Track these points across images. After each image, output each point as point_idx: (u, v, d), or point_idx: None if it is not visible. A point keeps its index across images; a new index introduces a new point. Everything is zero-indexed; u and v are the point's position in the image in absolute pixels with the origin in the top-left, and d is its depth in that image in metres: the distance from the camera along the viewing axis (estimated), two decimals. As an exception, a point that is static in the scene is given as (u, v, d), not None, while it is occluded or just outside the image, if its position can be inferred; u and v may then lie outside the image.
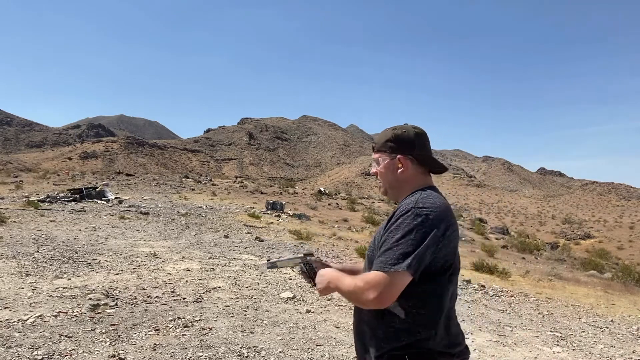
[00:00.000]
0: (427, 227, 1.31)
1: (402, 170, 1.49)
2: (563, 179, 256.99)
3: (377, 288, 1.28)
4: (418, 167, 1.50)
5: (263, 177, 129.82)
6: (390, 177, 1.52)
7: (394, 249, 1.30)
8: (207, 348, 3.77)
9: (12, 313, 4.21)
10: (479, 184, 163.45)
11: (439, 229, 1.32)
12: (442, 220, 1.34)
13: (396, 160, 1.49)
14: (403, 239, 1.30)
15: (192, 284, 6.03)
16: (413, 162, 1.49)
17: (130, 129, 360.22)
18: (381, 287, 1.28)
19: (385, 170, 1.52)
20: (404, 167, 1.49)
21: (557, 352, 4.76)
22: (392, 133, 1.52)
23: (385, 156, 1.52)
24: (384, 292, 1.28)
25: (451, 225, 1.37)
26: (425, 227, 1.31)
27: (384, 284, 1.28)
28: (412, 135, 1.50)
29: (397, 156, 1.49)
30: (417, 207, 1.35)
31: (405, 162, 1.48)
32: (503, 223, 60.25)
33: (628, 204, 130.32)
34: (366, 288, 1.30)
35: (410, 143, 1.49)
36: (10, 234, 8.91)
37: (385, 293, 1.28)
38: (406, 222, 1.32)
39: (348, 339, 4.33)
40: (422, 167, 1.51)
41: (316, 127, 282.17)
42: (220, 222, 14.49)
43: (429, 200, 1.38)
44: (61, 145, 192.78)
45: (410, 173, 1.49)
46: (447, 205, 1.41)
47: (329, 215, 22.99)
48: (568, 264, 16.49)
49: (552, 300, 7.87)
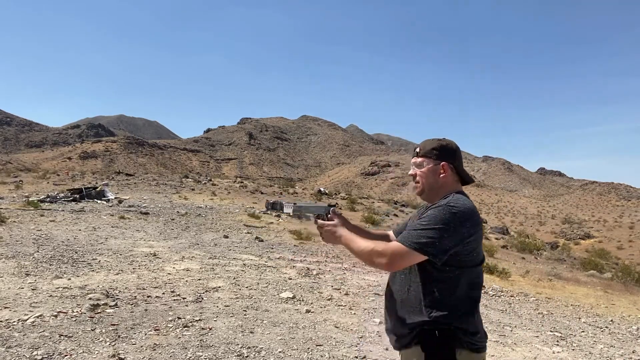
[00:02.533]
0: (453, 221, 1.54)
1: (444, 175, 1.73)
2: (563, 179, 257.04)
3: (392, 256, 1.55)
4: (454, 175, 1.76)
5: (263, 177, 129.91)
6: (432, 179, 1.74)
7: (420, 231, 1.55)
8: (207, 348, 3.77)
9: (12, 313, 4.20)
10: (478, 184, 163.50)
11: (464, 225, 1.55)
12: (468, 219, 1.57)
13: (440, 166, 1.73)
14: (430, 225, 1.55)
15: (192, 284, 6.03)
16: (452, 170, 1.74)
17: (130, 129, 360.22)
18: (395, 256, 1.54)
19: (428, 173, 1.75)
20: (445, 172, 1.73)
21: (557, 352, 4.76)
22: (438, 143, 1.76)
23: (430, 161, 1.74)
24: (395, 261, 1.55)
25: (476, 224, 1.59)
26: (451, 222, 1.54)
27: (398, 255, 1.54)
28: (455, 148, 1.77)
29: (441, 162, 1.73)
30: (448, 204, 1.58)
31: (447, 169, 1.73)
32: (503, 223, 60.25)
33: (628, 204, 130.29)
34: (382, 253, 1.56)
35: (453, 153, 1.75)
36: (10, 233, 8.91)
37: (396, 263, 1.55)
38: (436, 214, 1.57)
39: (348, 339, 4.33)
40: (457, 176, 1.77)
41: (316, 127, 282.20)
42: (220, 222, 14.49)
43: (460, 201, 1.61)
44: (61, 145, 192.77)
45: (449, 179, 1.74)
46: (474, 208, 1.63)
47: (328, 215, 22.95)
48: (568, 264, 16.50)
49: (552, 300, 7.87)
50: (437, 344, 1.56)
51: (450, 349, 1.56)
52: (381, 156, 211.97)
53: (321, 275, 7.63)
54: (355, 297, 6.21)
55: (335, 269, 8.50)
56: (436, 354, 1.56)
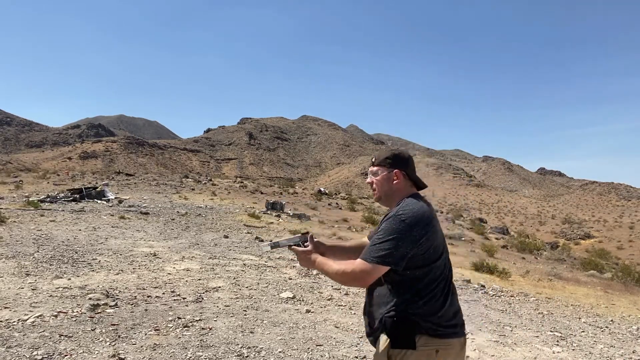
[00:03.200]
0: (404, 229, 1.70)
1: (397, 181, 1.90)
2: (563, 179, 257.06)
3: (359, 275, 1.72)
4: (408, 181, 1.92)
5: (263, 177, 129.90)
6: (387, 186, 1.92)
7: (378, 245, 1.72)
8: (207, 348, 3.77)
9: (12, 313, 4.21)
10: (478, 184, 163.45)
11: (414, 230, 1.71)
12: (417, 222, 1.72)
13: (393, 174, 1.90)
14: (384, 238, 1.71)
15: (192, 284, 6.03)
16: (405, 177, 1.91)
17: (130, 129, 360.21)
18: (362, 274, 1.72)
19: (382, 180, 1.92)
20: (398, 179, 1.90)
21: (557, 352, 4.76)
22: (391, 152, 1.95)
23: (384, 169, 1.92)
24: (363, 278, 1.73)
25: (427, 226, 1.74)
26: (402, 230, 1.70)
27: (365, 272, 1.71)
28: (407, 156, 1.95)
29: (394, 170, 1.90)
30: (397, 214, 1.75)
31: (399, 176, 1.90)
32: (503, 223, 60.25)
33: (628, 204, 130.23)
34: (350, 274, 1.73)
35: (405, 162, 1.93)
36: (10, 233, 8.91)
37: (364, 279, 1.73)
38: (388, 226, 1.74)
39: (348, 339, 4.34)
40: (410, 182, 1.93)
41: (316, 127, 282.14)
42: (220, 222, 14.49)
43: (408, 207, 1.77)
44: (61, 145, 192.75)
45: (402, 185, 1.91)
46: (424, 211, 1.78)
47: (329, 215, 22.98)
48: (568, 264, 16.49)
49: (552, 300, 7.87)
50: (397, 329, 1.72)
51: (409, 333, 1.71)
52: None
53: (321, 275, 7.64)
54: (356, 297, 6.21)
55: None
56: (398, 338, 1.72)
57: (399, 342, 1.71)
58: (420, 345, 1.70)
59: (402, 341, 1.71)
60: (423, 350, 1.70)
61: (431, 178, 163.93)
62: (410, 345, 1.70)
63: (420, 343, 1.70)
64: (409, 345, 1.70)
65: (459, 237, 20.20)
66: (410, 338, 1.70)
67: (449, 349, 1.74)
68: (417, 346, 1.70)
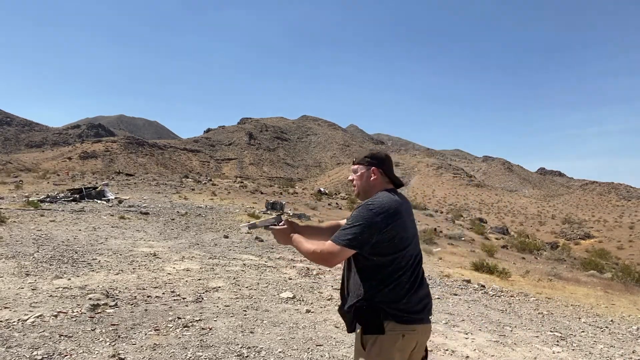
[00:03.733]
0: (369, 216, 1.88)
1: (374, 178, 2.09)
2: (563, 179, 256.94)
3: (328, 255, 1.90)
4: (384, 178, 2.11)
5: (263, 177, 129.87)
6: (365, 183, 2.11)
7: (347, 230, 1.90)
8: (207, 348, 3.77)
9: (12, 313, 4.21)
10: (478, 184, 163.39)
11: (378, 217, 1.87)
12: (383, 212, 1.88)
13: (370, 171, 2.09)
14: (353, 224, 1.89)
15: (192, 284, 6.03)
16: (381, 174, 2.10)
17: (130, 129, 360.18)
18: (331, 255, 1.89)
19: (361, 177, 2.12)
20: (375, 176, 2.09)
21: (557, 352, 4.76)
22: (370, 152, 2.17)
23: (363, 167, 2.12)
24: (331, 259, 1.90)
25: (393, 216, 1.90)
26: (367, 217, 1.88)
27: (333, 253, 1.89)
28: (383, 156, 2.15)
29: (371, 168, 2.09)
30: (366, 203, 1.94)
31: (377, 173, 2.09)
32: (503, 223, 60.24)
33: (628, 204, 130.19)
34: (320, 253, 1.92)
35: (382, 160, 2.12)
36: (10, 234, 8.91)
37: (332, 260, 1.91)
38: (357, 213, 1.93)
39: (348, 339, 4.33)
40: (387, 179, 2.11)
41: (316, 127, 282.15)
42: (220, 222, 14.49)
43: (378, 199, 1.95)
44: (61, 145, 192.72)
45: (378, 181, 2.09)
46: (392, 202, 1.94)
47: (329, 215, 22.97)
48: (568, 264, 16.49)
49: (552, 300, 7.87)
50: (367, 315, 1.91)
51: (378, 319, 1.89)
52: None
53: (321, 275, 7.64)
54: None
55: (336, 268, 8.50)
56: (368, 324, 1.90)
57: (370, 329, 1.90)
58: (389, 330, 1.88)
59: (372, 327, 1.89)
60: (391, 335, 1.88)
61: (431, 178, 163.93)
62: (380, 331, 1.88)
63: (388, 328, 1.88)
64: (379, 331, 1.88)
65: (459, 237, 20.20)
66: (380, 324, 1.88)
67: (414, 334, 1.93)
68: (385, 331, 1.88)
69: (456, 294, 7.35)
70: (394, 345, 1.89)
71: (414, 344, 1.95)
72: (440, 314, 5.77)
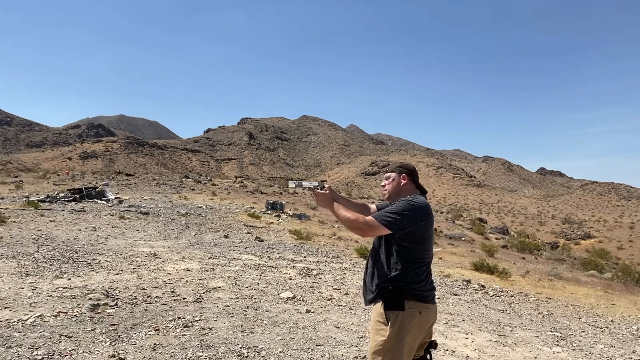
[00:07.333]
0: (410, 210, 2.27)
1: (404, 183, 2.50)
2: (563, 179, 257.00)
3: (367, 227, 2.26)
4: (412, 184, 2.52)
5: (263, 177, 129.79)
6: (395, 186, 2.51)
7: (388, 213, 2.27)
8: (207, 348, 3.77)
9: (12, 313, 4.20)
10: (479, 184, 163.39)
11: (418, 214, 2.27)
12: (421, 210, 2.29)
13: (401, 177, 2.51)
14: (395, 210, 2.27)
15: (192, 284, 6.03)
16: (410, 181, 2.51)
17: (130, 129, 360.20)
18: (369, 227, 2.26)
19: (393, 182, 2.53)
20: (405, 181, 2.50)
21: (557, 352, 4.76)
22: (401, 163, 2.59)
23: (395, 174, 2.53)
24: (368, 231, 2.27)
25: (427, 215, 2.30)
26: (409, 210, 2.26)
27: (371, 227, 2.25)
28: (412, 167, 2.57)
29: (402, 174, 2.51)
30: (409, 199, 2.35)
31: (406, 179, 2.51)
32: (503, 223, 60.19)
33: (628, 204, 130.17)
34: (362, 222, 2.26)
35: (410, 170, 2.54)
36: (10, 234, 8.91)
37: (369, 232, 2.27)
38: (400, 204, 2.31)
39: (348, 339, 4.33)
40: (414, 185, 2.52)
41: (316, 127, 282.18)
42: (220, 222, 14.49)
43: (417, 199, 2.36)
44: (61, 145, 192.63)
45: (407, 186, 2.50)
46: (427, 205, 2.35)
47: (329, 215, 22.97)
48: (568, 264, 16.48)
49: (552, 300, 7.87)
50: (391, 295, 2.24)
51: (400, 298, 2.22)
52: (381, 156, 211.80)
53: (321, 275, 7.63)
54: (355, 297, 6.20)
55: (335, 269, 8.50)
56: (390, 302, 2.23)
57: (392, 305, 2.23)
58: (408, 307, 2.22)
59: (394, 304, 2.23)
60: (410, 312, 2.22)
61: (431, 178, 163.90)
62: (401, 307, 2.21)
63: (408, 306, 2.22)
64: (399, 307, 2.21)
65: (459, 237, 20.19)
66: (401, 301, 2.22)
67: (428, 311, 2.28)
68: (405, 308, 2.21)
69: (456, 294, 7.35)
70: (412, 322, 2.21)
71: (428, 322, 2.29)
72: (441, 314, 5.76)
